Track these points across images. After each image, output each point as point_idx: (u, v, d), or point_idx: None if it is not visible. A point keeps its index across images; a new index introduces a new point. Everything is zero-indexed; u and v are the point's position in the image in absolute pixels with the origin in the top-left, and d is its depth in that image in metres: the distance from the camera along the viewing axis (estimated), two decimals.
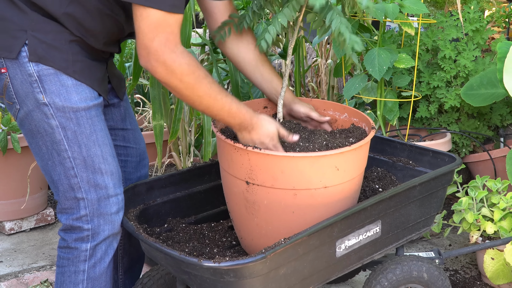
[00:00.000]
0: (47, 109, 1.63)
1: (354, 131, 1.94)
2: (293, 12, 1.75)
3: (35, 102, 1.63)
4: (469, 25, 2.99)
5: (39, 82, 1.61)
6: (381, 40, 2.74)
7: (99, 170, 1.70)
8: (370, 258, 1.89)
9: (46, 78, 1.61)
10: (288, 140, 1.78)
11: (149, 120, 3.41)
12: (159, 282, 2.01)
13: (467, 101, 2.83)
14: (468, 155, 3.17)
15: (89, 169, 1.69)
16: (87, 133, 1.67)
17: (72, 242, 1.75)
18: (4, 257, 2.79)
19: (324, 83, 3.54)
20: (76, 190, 1.70)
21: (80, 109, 1.65)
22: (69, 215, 1.73)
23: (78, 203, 1.71)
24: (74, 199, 1.71)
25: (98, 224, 1.73)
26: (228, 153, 1.76)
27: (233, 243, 2.00)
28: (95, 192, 1.71)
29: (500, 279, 2.39)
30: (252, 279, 1.56)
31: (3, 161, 2.88)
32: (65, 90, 1.63)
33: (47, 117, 1.64)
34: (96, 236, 1.74)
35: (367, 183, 2.14)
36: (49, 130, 1.65)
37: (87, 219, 1.72)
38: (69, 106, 1.63)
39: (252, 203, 1.75)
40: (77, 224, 1.73)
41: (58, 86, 1.62)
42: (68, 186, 1.70)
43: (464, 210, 2.49)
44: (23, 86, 1.63)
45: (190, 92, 1.63)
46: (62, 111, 1.63)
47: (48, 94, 1.62)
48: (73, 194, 1.70)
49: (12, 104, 1.68)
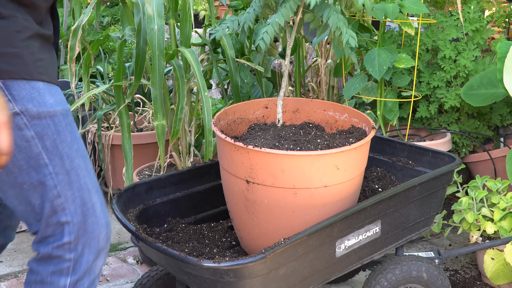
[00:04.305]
0: (20, 118, 1.35)
1: (354, 132, 1.94)
2: (290, 11, 1.75)
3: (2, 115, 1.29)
4: (469, 25, 2.99)
5: (5, 89, 1.34)
6: (381, 40, 2.74)
7: (85, 186, 1.43)
8: (369, 258, 1.89)
9: (13, 84, 1.34)
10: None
11: (149, 120, 3.41)
12: (158, 282, 2.01)
13: (467, 101, 2.83)
14: (468, 155, 3.17)
15: (74, 185, 1.41)
16: (68, 142, 1.40)
17: (48, 275, 1.42)
18: (4, 257, 2.79)
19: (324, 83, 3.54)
20: (60, 213, 1.40)
21: (57, 114, 1.39)
22: (49, 244, 1.41)
23: (62, 228, 1.40)
24: (57, 225, 1.40)
25: (82, 252, 1.43)
26: (228, 152, 1.76)
27: (233, 243, 2.00)
28: (81, 213, 1.42)
29: (500, 279, 2.38)
30: (252, 279, 1.56)
31: None
32: (38, 93, 1.37)
33: (19, 129, 1.35)
34: (78, 268, 1.43)
35: (367, 183, 2.14)
36: (23, 145, 1.36)
37: (69, 247, 1.41)
38: (45, 111, 1.37)
39: (252, 202, 1.75)
40: (57, 253, 1.41)
41: (28, 89, 1.36)
42: (51, 210, 1.39)
43: (464, 210, 2.49)
44: None
45: None
46: (37, 117, 1.36)
47: (19, 101, 1.35)
48: (56, 218, 1.40)
49: None
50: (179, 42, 2.80)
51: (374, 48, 2.64)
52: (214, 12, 2.92)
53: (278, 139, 1.84)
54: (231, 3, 3.40)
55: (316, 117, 2.11)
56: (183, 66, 2.75)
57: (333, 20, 1.70)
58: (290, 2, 1.74)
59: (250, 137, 1.88)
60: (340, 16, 1.70)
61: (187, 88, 2.81)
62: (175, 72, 2.68)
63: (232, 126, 2.01)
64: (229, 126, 2.00)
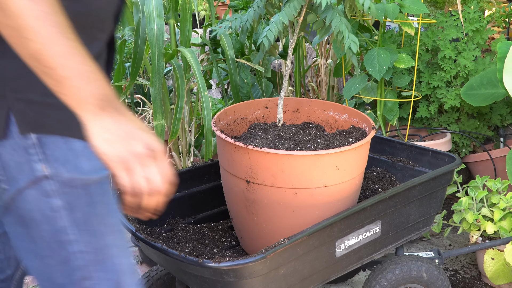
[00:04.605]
0: (48, 184, 1.12)
1: (354, 132, 1.94)
2: (294, 11, 1.76)
3: (30, 176, 1.12)
4: (469, 25, 2.99)
5: (39, 146, 1.12)
6: (381, 40, 2.74)
7: (119, 267, 1.21)
8: (369, 258, 1.89)
9: (49, 140, 1.13)
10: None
11: (148, 120, 3.41)
12: (158, 282, 2.01)
13: (467, 101, 2.83)
14: (468, 155, 3.17)
15: (105, 266, 1.19)
16: (101, 215, 1.18)
17: None
18: None
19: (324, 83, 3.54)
20: None
21: (92, 182, 1.16)
22: None
23: None
24: None
25: None
26: (228, 152, 1.76)
27: (233, 243, 2.00)
28: None
29: (500, 279, 2.38)
30: (252, 279, 1.55)
31: None
32: (74, 155, 1.14)
33: (47, 195, 1.13)
34: None
35: (367, 183, 2.14)
36: (49, 215, 1.14)
37: None
38: (78, 178, 1.14)
39: (252, 202, 1.75)
40: None
41: (64, 150, 1.13)
42: None
43: (464, 210, 2.49)
44: (14, 154, 1.11)
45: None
46: (69, 185, 1.14)
47: (51, 163, 1.12)
48: None
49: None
50: (179, 42, 2.80)
51: (374, 48, 2.64)
52: (214, 12, 2.92)
53: (278, 139, 1.84)
54: (231, 3, 3.40)
55: (316, 117, 2.11)
56: (183, 66, 2.75)
57: (336, 23, 1.70)
58: (294, 1, 1.74)
59: (250, 137, 1.87)
60: (343, 19, 1.71)
61: (187, 88, 2.81)
62: (175, 72, 2.69)
63: (232, 126, 2.01)
64: (229, 126, 2.00)
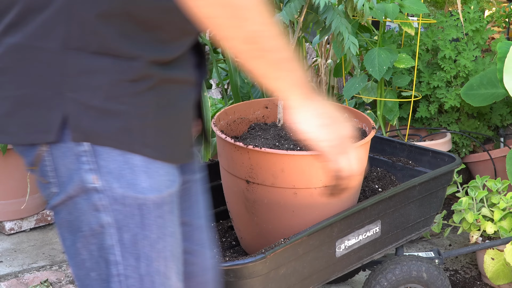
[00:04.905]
0: (98, 197, 1.02)
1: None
2: (295, 11, 1.76)
3: (80, 185, 1.02)
4: (469, 25, 2.99)
5: (92, 155, 1.01)
6: (381, 40, 2.74)
7: None
8: (369, 258, 1.89)
9: (103, 151, 1.00)
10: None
11: None
12: None
13: (467, 101, 2.83)
14: (468, 155, 3.17)
15: None
16: (152, 239, 1.06)
17: None
18: (4, 257, 2.79)
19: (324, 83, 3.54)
20: None
21: (148, 202, 1.04)
22: None
23: None
24: None
25: None
26: (228, 152, 1.76)
27: (233, 243, 2.00)
28: None
29: (500, 279, 2.38)
30: (252, 279, 1.55)
31: (3, 161, 2.88)
32: (130, 171, 1.02)
33: (96, 209, 1.03)
34: None
35: (367, 183, 2.14)
36: (96, 230, 1.04)
37: None
38: (132, 196, 1.02)
39: (252, 202, 1.75)
40: None
41: (120, 163, 1.01)
42: None
43: (464, 210, 2.49)
44: (65, 159, 1.01)
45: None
46: (121, 202, 1.02)
47: (104, 175, 1.01)
48: None
49: (46, 183, 1.05)
50: None
51: (374, 48, 2.64)
52: None
53: (278, 139, 1.84)
54: None
55: None
56: None
57: (336, 24, 1.70)
58: (294, 1, 1.74)
59: (250, 137, 1.88)
60: (343, 20, 1.71)
61: None
62: None
63: (232, 126, 2.01)
64: (229, 126, 2.00)
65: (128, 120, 0.99)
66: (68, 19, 0.95)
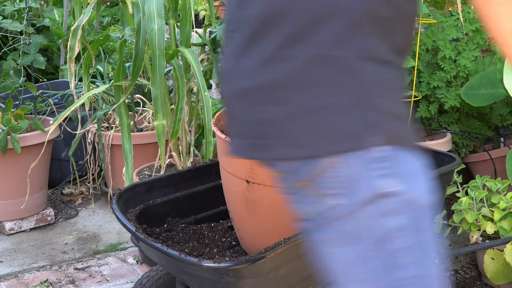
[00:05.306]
0: (385, 203, 1.01)
1: None
2: None
3: (369, 192, 1.00)
4: (469, 25, 2.99)
5: (392, 158, 1.02)
6: None
7: None
8: None
9: (403, 153, 1.04)
10: None
11: (149, 120, 3.41)
12: (158, 282, 2.01)
13: (467, 101, 2.83)
14: (468, 155, 3.18)
15: None
16: (427, 244, 1.06)
17: None
18: (4, 257, 2.79)
19: None
20: None
21: (424, 206, 1.05)
22: None
23: None
24: None
25: None
26: (228, 152, 1.76)
27: (233, 243, 2.00)
28: None
29: (500, 279, 2.38)
30: (252, 279, 1.56)
31: (3, 161, 2.88)
32: (415, 173, 1.06)
33: (387, 213, 1.01)
34: None
35: None
36: (380, 236, 1.02)
37: None
38: (416, 199, 1.04)
39: (252, 202, 1.75)
40: None
41: (409, 167, 1.05)
42: None
43: (464, 210, 2.49)
44: (362, 167, 1.01)
45: None
46: (407, 207, 1.02)
47: (404, 178, 1.03)
48: None
49: (324, 196, 1.03)
50: (179, 42, 2.80)
51: None
52: (214, 12, 2.92)
53: None
54: None
55: None
56: (183, 66, 2.75)
57: None
58: None
59: None
60: None
61: (187, 88, 2.81)
62: (175, 72, 2.69)
63: None
64: None
65: (406, 122, 1.06)
66: (360, 29, 1.00)
